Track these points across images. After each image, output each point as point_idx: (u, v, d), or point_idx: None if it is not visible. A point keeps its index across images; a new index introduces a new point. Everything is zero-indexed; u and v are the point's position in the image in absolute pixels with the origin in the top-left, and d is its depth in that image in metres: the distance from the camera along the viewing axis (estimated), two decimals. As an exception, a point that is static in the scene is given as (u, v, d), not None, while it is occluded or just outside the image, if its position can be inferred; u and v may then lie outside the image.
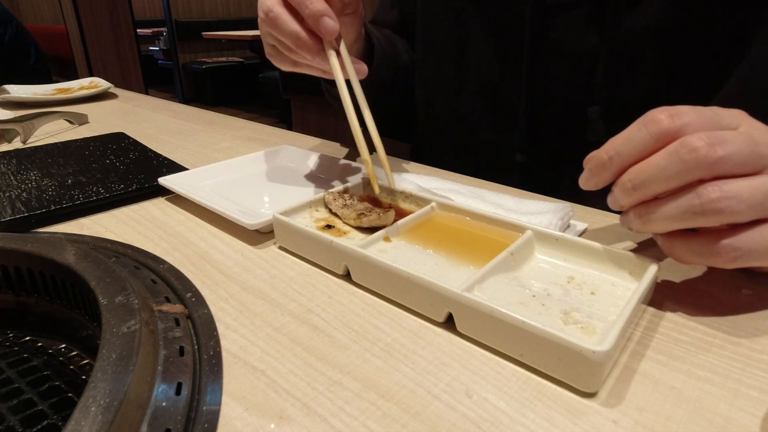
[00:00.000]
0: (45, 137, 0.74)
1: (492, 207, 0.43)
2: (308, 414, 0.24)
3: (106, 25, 3.55)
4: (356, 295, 0.34)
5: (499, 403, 0.25)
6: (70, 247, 0.31)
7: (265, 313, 0.32)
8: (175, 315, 0.30)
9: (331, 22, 0.41)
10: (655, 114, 0.29)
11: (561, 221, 0.40)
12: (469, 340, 0.29)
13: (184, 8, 4.75)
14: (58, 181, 0.52)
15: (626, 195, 0.30)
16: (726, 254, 0.28)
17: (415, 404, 0.25)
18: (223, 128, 0.81)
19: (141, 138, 0.71)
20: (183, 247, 0.40)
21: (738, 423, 0.23)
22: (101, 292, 0.27)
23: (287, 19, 0.42)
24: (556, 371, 0.26)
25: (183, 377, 0.25)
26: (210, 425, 0.23)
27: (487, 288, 0.31)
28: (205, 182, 0.52)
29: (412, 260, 0.35)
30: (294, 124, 2.20)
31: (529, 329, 0.26)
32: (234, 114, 1.33)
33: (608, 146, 0.31)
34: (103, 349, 0.23)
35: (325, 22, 0.41)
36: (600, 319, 0.29)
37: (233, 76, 4.71)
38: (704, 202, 0.27)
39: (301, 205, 0.42)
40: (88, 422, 0.19)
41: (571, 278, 0.33)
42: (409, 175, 0.51)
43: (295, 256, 0.39)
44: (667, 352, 0.28)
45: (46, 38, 3.31)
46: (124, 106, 1.00)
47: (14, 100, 0.98)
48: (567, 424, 0.23)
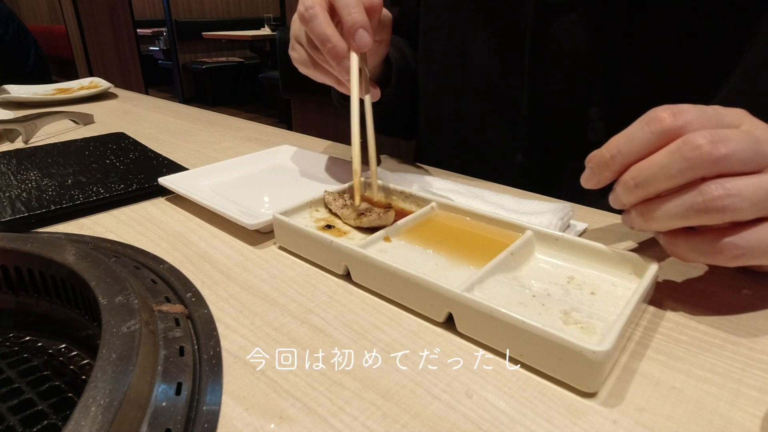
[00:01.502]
0: (46, 137, 0.74)
1: (492, 207, 0.43)
2: (308, 414, 0.24)
3: (106, 25, 3.55)
4: (356, 295, 0.34)
5: (499, 403, 0.25)
6: (70, 247, 0.31)
7: (265, 313, 0.32)
8: (175, 315, 0.30)
9: (367, 36, 0.42)
10: (657, 112, 0.29)
11: (561, 221, 0.40)
12: (469, 340, 0.29)
13: (184, 8, 4.75)
14: (58, 181, 0.52)
15: (628, 193, 0.30)
16: (728, 252, 0.28)
17: (415, 404, 0.25)
18: (223, 128, 0.81)
19: (141, 138, 0.71)
20: (183, 247, 0.40)
21: (738, 423, 0.23)
22: (101, 292, 0.27)
23: (325, 20, 0.42)
24: (556, 371, 0.26)
25: (183, 377, 0.25)
26: (210, 425, 0.23)
27: (487, 288, 0.31)
28: (205, 182, 0.52)
29: (412, 260, 0.35)
30: (294, 124, 2.20)
31: (529, 329, 0.26)
32: (234, 114, 1.33)
33: (610, 144, 0.31)
34: (103, 349, 0.23)
35: (361, 33, 0.41)
36: (600, 319, 0.29)
37: (233, 76, 4.71)
38: (707, 199, 0.27)
39: (301, 205, 0.42)
40: (88, 422, 0.19)
41: (571, 278, 0.33)
42: (410, 175, 0.51)
43: (295, 256, 0.39)
44: (667, 352, 0.28)
45: (46, 38, 3.31)
46: (124, 106, 1.00)
47: (14, 100, 0.98)
48: (567, 424, 0.23)
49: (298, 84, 1.86)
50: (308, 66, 0.48)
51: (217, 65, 4.57)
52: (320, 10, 0.42)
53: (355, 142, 0.42)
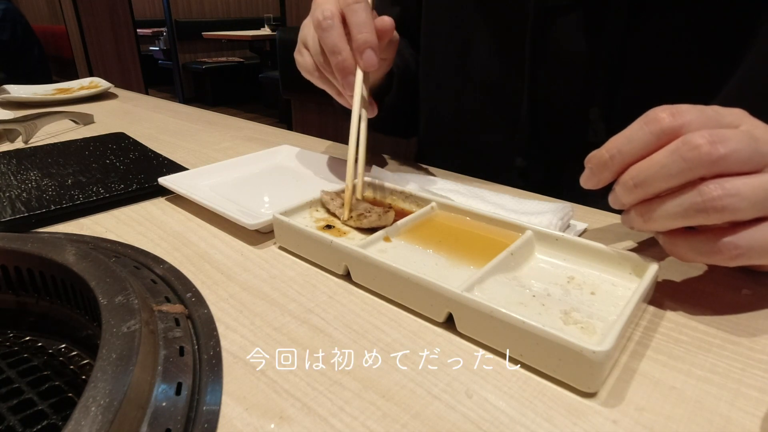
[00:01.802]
0: (46, 137, 0.74)
1: (492, 207, 0.43)
2: (308, 414, 0.24)
3: (106, 25, 3.55)
4: (356, 295, 0.34)
5: (499, 403, 0.25)
6: (70, 247, 0.31)
7: (265, 313, 0.32)
8: (175, 315, 0.30)
9: (374, 57, 0.42)
10: (655, 113, 0.29)
11: (561, 221, 0.40)
12: (469, 340, 0.29)
13: (184, 8, 4.75)
14: (58, 181, 0.52)
15: (628, 193, 0.30)
16: (728, 252, 0.28)
17: (415, 404, 0.25)
18: (223, 128, 0.81)
19: (141, 138, 0.71)
20: (183, 247, 0.40)
21: (738, 423, 0.23)
22: (101, 292, 0.27)
23: (340, 33, 0.43)
24: (556, 371, 0.26)
25: (183, 377, 0.25)
26: (210, 425, 0.23)
27: (487, 288, 0.31)
28: (205, 182, 0.52)
29: (412, 260, 0.35)
30: (294, 124, 2.21)
31: (529, 329, 0.26)
32: (234, 114, 1.33)
33: (609, 145, 0.31)
34: (103, 349, 0.23)
35: (369, 54, 0.42)
36: (600, 319, 0.29)
37: (233, 76, 4.71)
38: (706, 199, 0.27)
39: (301, 205, 0.42)
40: (88, 422, 0.19)
41: (571, 278, 0.33)
42: (410, 175, 0.51)
43: (295, 256, 0.39)
44: (667, 352, 0.28)
45: (46, 38, 3.31)
46: (124, 106, 1.00)
47: (14, 100, 0.98)
48: (567, 424, 0.23)
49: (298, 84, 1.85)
50: (312, 73, 0.48)
51: (217, 65, 4.57)
52: (337, 23, 0.43)
53: (350, 158, 0.43)
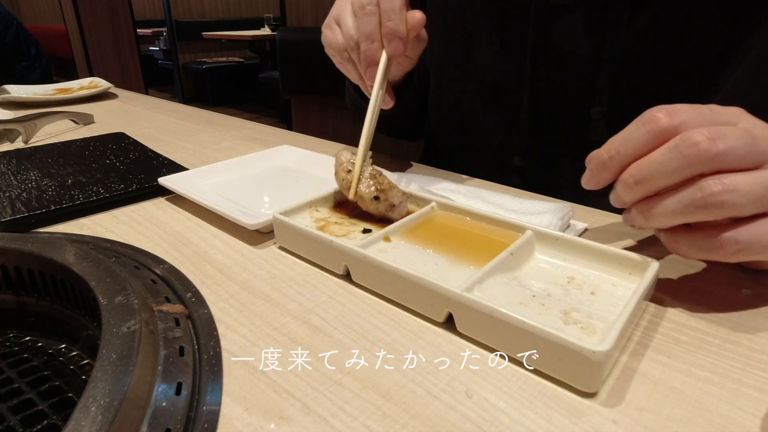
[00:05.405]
0: (46, 137, 0.74)
1: (492, 207, 0.43)
2: (308, 414, 0.24)
3: (106, 25, 3.55)
4: (356, 295, 0.34)
5: (499, 403, 0.25)
6: (70, 247, 0.31)
7: (265, 313, 0.32)
8: (175, 315, 0.30)
9: (402, 46, 0.43)
10: (652, 112, 0.29)
11: (561, 221, 0.40)
12: (470, 340, 0.29)
13: (184, 8, 4.75)
14: (58, 181, 0.52)
15: (628, 191, 0.30)
16: (728, 247, 0.28)
17: (415, 404, 0.25)
18: (223, 128, 0.81)
19: (141, 138, 0.71)
20: (183, 247, 0.40)
21: (738, 423, 0.23)
22: (101, 292, 0.27)
23: (377, 22, 0.43)
24: (556, 371, 0.26)
25: (183, 377, 0.25)
26: (210, 425, 0.23)
27: (487, 288, 0.31)
28: (205, 182, 0.52)
29: (412, 260, 0.35)
30: (294, 124, 2.20)
31: (529, 329, 0.26)
32: (234, 114, 1.33)
33: (608, 146, 0.31)
34: (103, 349, 0.23)
35: (397, 43, 0.43)
36: (600, 319, 0.29)
37: (233, 76, 4.71)
38: (706, 195, 0.27)
39: (301, 205, 0.42)
40: (88, 422, 0.19)
41: (571, 278, 0.33)
42: (410, 175, 0.51)
43: (295, 256, 0.39)
44: (667, 351, 0.28)
45: (46, 38, 3.32)
46: (124, 106, 1.00)
47: (14, 100, 0.98)
48: (567, 424, 0.23)
49: (298, 84, 1.86)
50: (339, 51, 0.49)
51: (217, 65, 4.57)
52: (375, 10, 0.43)
53: (362, 142, 0.43)
